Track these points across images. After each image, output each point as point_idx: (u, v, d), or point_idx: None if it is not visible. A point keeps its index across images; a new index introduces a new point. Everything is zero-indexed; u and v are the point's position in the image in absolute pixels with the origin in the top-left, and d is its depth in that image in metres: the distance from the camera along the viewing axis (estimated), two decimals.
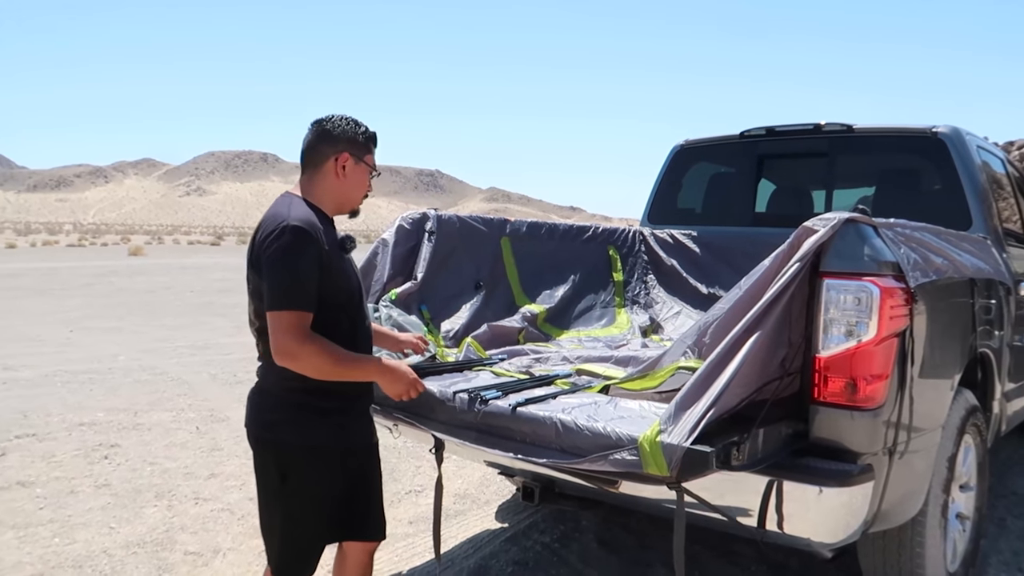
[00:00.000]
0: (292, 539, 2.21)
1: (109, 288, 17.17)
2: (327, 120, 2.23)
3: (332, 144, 2.20)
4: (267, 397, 2.20)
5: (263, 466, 2.21)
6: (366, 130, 2.27)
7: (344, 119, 2.24)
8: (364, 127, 2.26)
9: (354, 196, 2.28)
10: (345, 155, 2.20)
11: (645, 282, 4.47)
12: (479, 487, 4.52)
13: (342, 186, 2.23)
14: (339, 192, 2.24)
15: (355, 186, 2.25)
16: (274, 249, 2.01)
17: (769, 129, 4.31)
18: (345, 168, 2.21)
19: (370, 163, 2.28)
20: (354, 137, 2.23)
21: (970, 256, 2.88)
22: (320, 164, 2.21)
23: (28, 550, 3.55)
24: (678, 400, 1.92)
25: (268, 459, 2.19)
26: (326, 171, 2.21)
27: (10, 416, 5.91)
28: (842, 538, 2.18)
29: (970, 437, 2.98)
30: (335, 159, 2.20)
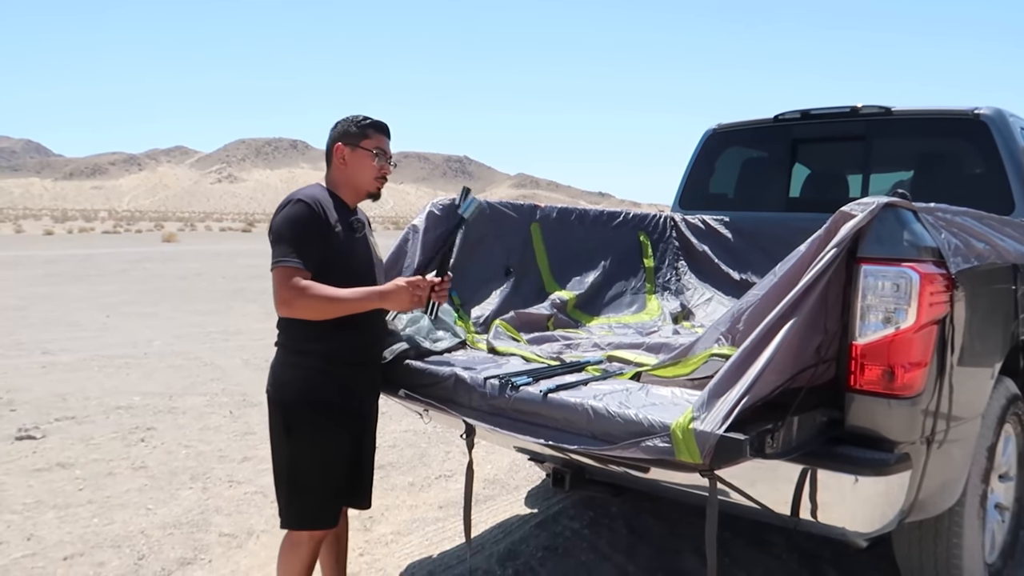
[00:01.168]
0: (297, 493, 2.41)
1: (144, 274, 17.48)
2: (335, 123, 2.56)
3: (331, 140, 2.54)
4: (278, 356, 2.45)
5: (272, 422, 2.45)
6: (361, 120, 2.52)
7: (346, 118, 2.54)
8: (361, 118, 2.52)
9: (363, 179, 2.53)
10: (340, 146, 2.51)
11: (676, 268, 4.43)
12: (508, 473, 4.53)
13: (347, 173, 2.52)
14: (347, 179, 2.53)
15: (359, 170, 2.52)
16: (279, 217, 2.35)
17: (804, 112, 4.23)
18: (344, 158, 2.50)
19: (368, 147, 2.51)
20: (347, 128, 2.51)
21: (1013, 241, 2.80)
22: (329, 159, 2.55)
23: (68, 529, 3.64)
24: (711, 387, 1.90)
25: (276, 414, 2.42)
26: (334, 164, 2.53)
27: (50, 399, 6.06)
28: (878, 528, 2.15)
29: (1010, 426, 2.91)
30: (335, 151, 2.51)
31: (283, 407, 2.41)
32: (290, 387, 2.40)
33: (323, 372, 2.40)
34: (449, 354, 2.82)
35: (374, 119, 2.55)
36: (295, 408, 2.39)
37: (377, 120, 2.55)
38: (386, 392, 2.71)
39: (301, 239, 2.31)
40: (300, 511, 2.44)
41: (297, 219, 2.33)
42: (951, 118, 3.77)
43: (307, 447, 2.40)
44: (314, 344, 2.38)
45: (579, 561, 3.36)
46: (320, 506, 2.45)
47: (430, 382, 2.58)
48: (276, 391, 2.44)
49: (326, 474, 2.43)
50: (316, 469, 2.41)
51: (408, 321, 2.88)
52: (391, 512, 3.92)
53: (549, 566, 3.31)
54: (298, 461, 2.41)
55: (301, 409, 2.39)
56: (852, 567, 3.25)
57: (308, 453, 2.40)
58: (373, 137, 2.52)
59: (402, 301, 2.39)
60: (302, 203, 2.35)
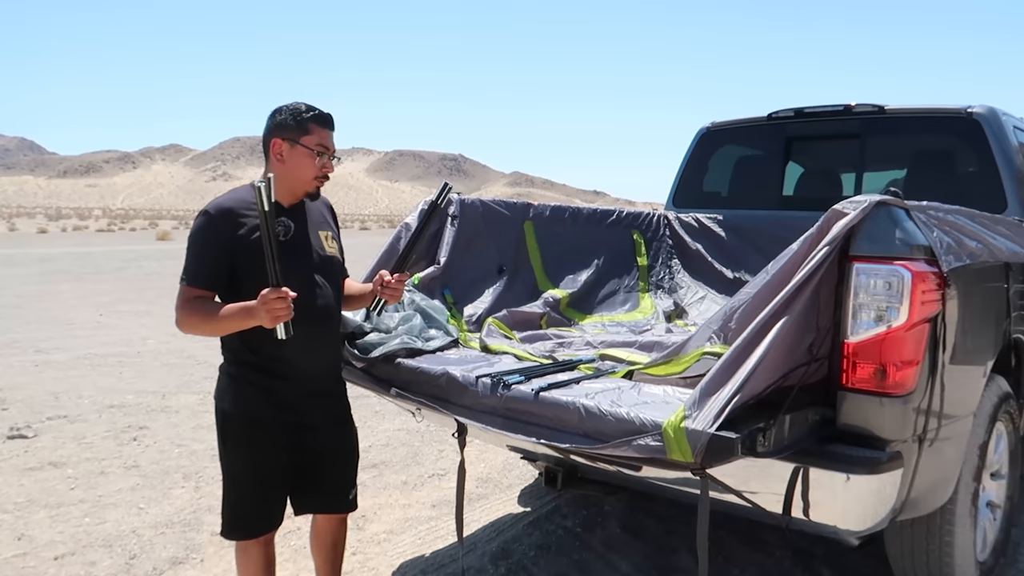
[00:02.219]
0: (232, 500, 2.40)
1: (138, 272, 17.44)
2: (274, 110, 2.33)
3: (269, 134, 2.31)
4: (221, 366, 2.41)
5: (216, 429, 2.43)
6: (303, 111, 2.28)
7: (286, 107, 2.31)
8: (303, 108, 2.29)
9: (301, 178, 2.33)
10: (278, 141, 2.29)
11: (670, 267, 4.43)
12: (501, 471, 4.53)
13: (285, 171, 2.30)
14: (284, 177, 2.30)
15: (298, 169, 2.31)
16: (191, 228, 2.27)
17: (798, 111, 4.23)
18: (282, 153, 2.29)
19: (309, 144, 2.29)
20: (285, 122, 2.28)
21: (1005, 240, 2.80)
22: (266, 153, 2.33)
23: (60, 529, 3.63)
24: (703, 386, 1.89)
25: (216, 424, 2.41)
26: (271, 159, 2.32)
27: (43, 398, 6.03)
28: (869, 526, 2.15)
29: (1002, 425, 2.92)
30: (272, 146, 2.30)
31: (219, 417, 2.39)
32: (225, 398, 2.37)
33: (252, 384, 2.33)
34: (441, 353, 2.81)
35: (317, 110, 2.31)
36: (229, 420, 2.37)
37: (320, 111, 2.31)
38: (378, 391, 2.70)
39: (197, 255, 2.24)
40: (232, 518, 2.40)
41: (195, 234, 2.24)
42: (944, 117, 3.77)
43: (238, 458, 2.37)
44: (246, 355, 2.32)
45: (572, 559, 3.36)
46: (253, 514, 2.40)
47: (422, 380, 2.57)
48: (216, 401, 2.42)
49: (258, 484, 2.37)
50: (247, 479, 2.37)
51: (400, 320, 2.88)
52: (384, 511, 3.91)
53: (542, 564, 3.31)
54: (232, 470, 2.39)
55: (234, 421, 2.36)
56: (845, 565, 3.25)
57: (240, 463, 2.37)
58: (315, 132, 2.29)
59: (261, 318, 2.10)
60: (205, 215, 2.24)
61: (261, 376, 2.32)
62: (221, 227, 2.22)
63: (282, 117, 2.29)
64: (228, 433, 2.37)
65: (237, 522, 2.41)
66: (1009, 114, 3.80)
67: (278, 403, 2.35)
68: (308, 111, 2.29)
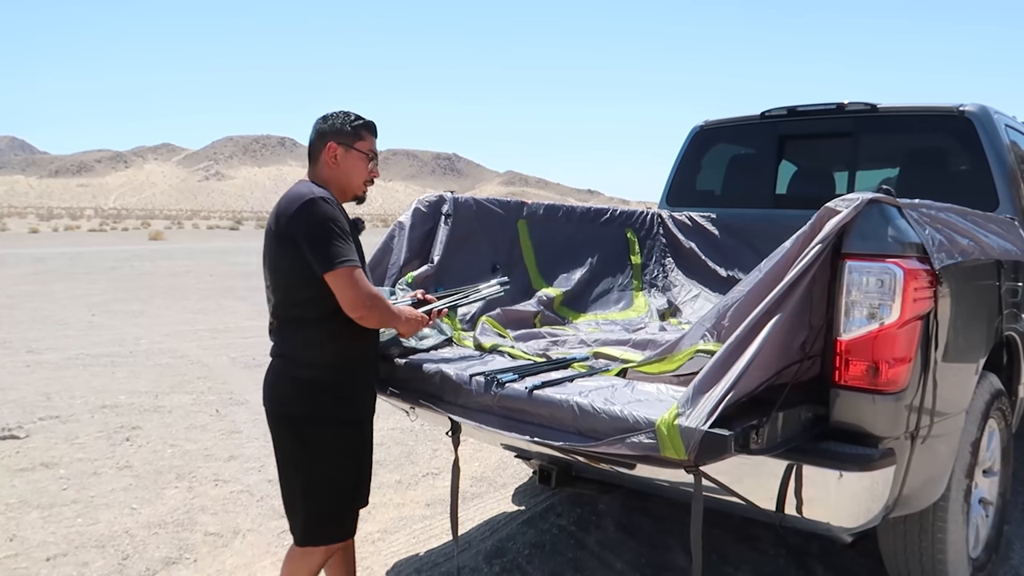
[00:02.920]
0: (316, 509, 2.32)
1: (131, 272, 17.36)
2: (321, 118, 2.45)
3: (322, 138, 2.41)
4: (280, 368, 2.33)
5: (281, 438, 2.34)
6: (356, 119, 2.43)
7: (336, 114, 2.44)
8: (353, 116, 2.43)
9: (352, 182, 2.44)
10: (332, 145, 2.39)
11: (663, 265, 4.44)
12: (496, 470, 4.53)
13: (338, 174, 2.40)
14: (337, 180, 2.40)
15: (350, 172, 2.42)
16: (310, 218, 2.19)
17: (791, 109, 4.24)
18: (336, 157, 2.39)
19: (362, 149, 2.43)
20: (341, 128, 2.41)
21: (997, 237, 2.81)
22: (318, 156, 2.42)
23: (52, 530, 3.61)
24: (696, 383, 1.90)
25: (286, 430, 2.32)
26: (322, 162, 2.40)
27: (34, 398, 6.00)
28: (862, 523, 2.16)
29: (994, 422, 2.93)
30: (326, 150, 2.39)
31: (293, 422, 2.30)
32: (300, 401, 2.30)
33: (332, 383, 2.31)
34: (435, 351, 2.81)
35: (366, 119, 2.47)
36: (308, 422, 2.29)
37: (369, 120, 2.47)
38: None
39: (345, 236, 2.22)
40: (319, 527, 2.35)
41: (335, 217, 2.22)
42: (936, 115, 3.79)
43: (324, 461, 2.31)
44: (318, 353, 2.29)
45: (566, 558, 3.36)
46: (340, 519, 2.39)
47: (416, 379, 2.57)
48: (283, 405, 2.32)
49: (343, 486, 2.36)
50: (334, 482, 2.33)
51: None
52: (378, 510, 3.90)
53: (536, 563, 3.31)
54: (316, 476, 2.31)
55: (315, 423, 2.30)
56: (839, 563, 3.26)
57: (325, 467, 2.31)
58: (367, 139, 2.45)
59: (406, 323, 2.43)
60: (330, 201, 2.25)
61: (334, 373, 2.31)
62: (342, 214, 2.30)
63: (337, 123, 2.41)
64: (307, 436, 2.29)
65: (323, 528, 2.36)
66: (1001, 112, 3.82)
67: (352, 396, 2.38)
68: (358, 119, 2.44)
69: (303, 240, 2.19)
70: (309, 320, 2.28)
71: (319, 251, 2.17)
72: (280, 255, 2.27)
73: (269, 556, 3.37)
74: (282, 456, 2.36)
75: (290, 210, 2.22)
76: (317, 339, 2.28)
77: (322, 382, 2.29)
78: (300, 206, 2.20)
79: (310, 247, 2.18)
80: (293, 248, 2.21)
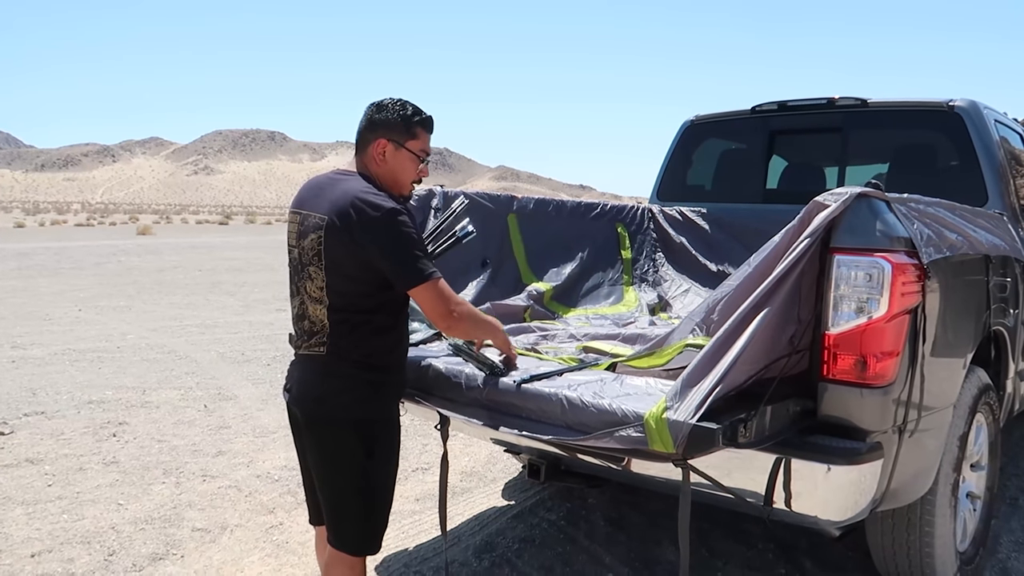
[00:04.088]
0: (375, 515, 2.24)
1: (118, 267, 17.24)
2: (375, 105, 2.24)
3: (372, 130, 2.22)
4: (335, 377, 2.17)
5: (341, 446, 2.18)
6: (410, 114, 2.23)
7: (392, 104, 2.23)
8: (410, 111, 2.23)
9: (400, 181, 2.26)
10: (382, 141, 2.21)
11: (654, 260, 4.43)
12: (486, 465, 4.52)
13: (385, 170, 2.23)
14: (384, 177, 2.23)
15: (398, 171, 2.24)
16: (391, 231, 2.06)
17: (781, 104, 4.24)
18: (384, 154, 2.21)
19: (414, 149, 2.24)
20: (394, 123, 2.21)
21: (985, 232, 2.82)
22: (365, 148, 2.24)
23: (37, 526, 3.58)
24: (685, 377, 1.89)
25: (349, 437, 2.16)
26: (370, 156, 2.23)
27: (19, 394, 5.95)
28: (850, 516, 2.16)
29: (982, 416, 2.95)
30: (374, 145, 2.21)
31: (360, 428, 2.17)
32: (366, 406, 2.18)
33: (394, 385, 2.27)
34: (424, 346, 2.80)
35: (424, 114, 2.26)
36: (376, 428, 2.20)
37: (427, 116, 2.27)
38: None
39: (423, 247, 2.14)
40: (376, 533, 2.27)
41: (411, 227, 2.10)
42: (926, 110, 3.80)
43: (385, 466, 2.24)
44: (384, 357, 2.20)
45: (556, 552, 3.36)
46: (386, 523, 2.31)
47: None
48: (343, 411, 2.17)
49: (393, 489, 2.31)
50: (390, 487, 2.28)
51: None
52: None
53: (526, 557, 3.31)
54: (378, 482, 2.22)
55: (382, 428, 2.22)
56: (827, 556, 3.27)
57: (386, 472, 2.25)
58: (421, 137, 2.25)
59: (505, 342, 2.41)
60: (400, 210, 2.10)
61: (395, 375, 2.27)
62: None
63: (390, 116, 2.21)
64: (375, 442, 2.20)
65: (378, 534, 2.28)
66: (991, 108, 3.83)
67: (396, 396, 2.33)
68: (415, 114, 2.24)
69: (385, 252, 2.06)
70: (380, 323, 2.17)
71: (404, 266, 2.07)
72: (348, 257, 2.10)
73: (257, 552, 3.35)
74: (337, 464, 2.20)
75: (364, 217, 2.05)
76: (389, 342, 2.21)
77: (394, 384, 2.26)
78: (381, 216, 2.05)
79: (394, 261, 2.07)
80: (365, 254, 2.08)
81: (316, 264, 2.13)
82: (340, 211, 2.08)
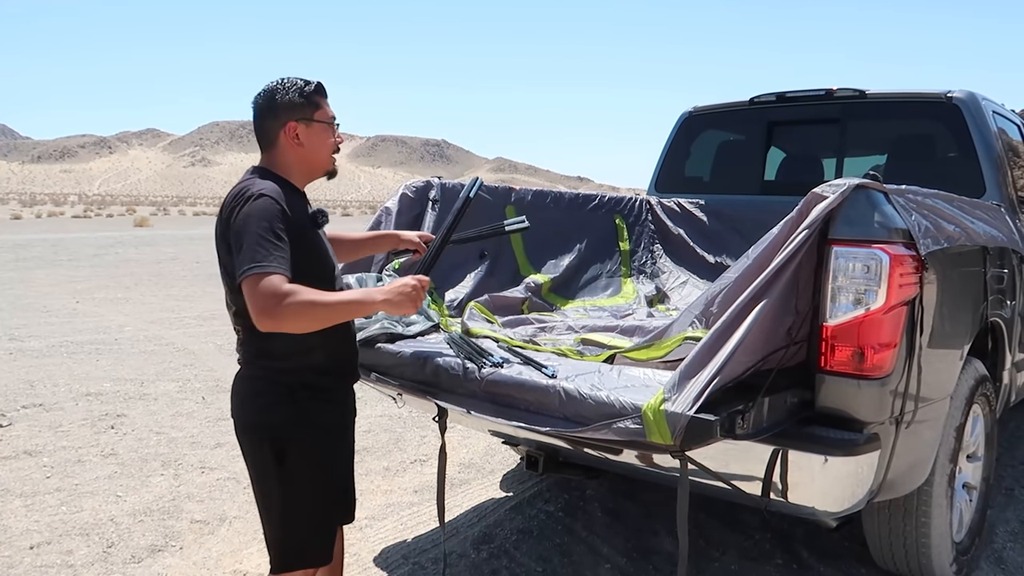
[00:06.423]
0: (293, 529, 2.10)
1: (116, 259, 17.21)
2: (265, 94, 2.10)
3: (276, 118, 2.09)
4: (257, 382, 2.07)
5: (255, 453, 2.08)
6: (303, 87, 2.10)
7: (279, 87, 2.09)
8: (303, 84, 2.10)
9: (320, 157, 2.16)
10: (291, 124, 2.08)
11: (652, 251, 4.43)
12: (484, 457, 4.53)
13: (304, 153, 2.12)
14: (303, 160, 2.13)
15: (317, 147, 2.13)
16: (242, 217, 1.91)
17: (779, 95, 4.23)
18: (298, 136, 2.09)
19: (324, 119, 2.13)
20: (296, 102, 2.08)
21: (983, 224, 2.82)
22: (275, 139, 2.10)
23: (35, 518, 3.58)
24: (682, 369, 1.89)
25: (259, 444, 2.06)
26: (282, 145, 2.10)
27: (17, 386, 5.94)
28: (847, 507, 2.17)
29: (979, 407, 2.95)
30: (284, 132, 2.08)
31: (270, 434, 2.04)
32: (277, 411, 2.04)
33: (316, 389, 2.08)
34: (422, 337, 2.79)
35: (314, 81, 2.13)
36: (286, 434, 2.04)
37: (318, 82, 2.14)
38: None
39: (275, 239, 1.90)
40: (297, 547, 2.11)
41: (266, 216, 1.91)
42: (924, 101, 3.79)
43: (303, 476, 2.07)
44: (300, 359, 2.04)
45: (554, 543, 3.37)
46: (318, 539, 2.15)
47: (402, 365, 2.55)
48: (256, 416, 2.06)
49: (324, 502, 2.14)
50: (314, 499, 2.10)
51: None
52: (365, 497, 3.89)
53: (524, 548, 3.32)
54: (294, 492, 2.07)
55: (293, 435, 2.04)
56: (824, 547, 3.29)
57: (305, 482, 2.07)
58: (323, 105, 2.14)
59: (406, 306, 2.05)
60: (267, 198, 1.93)
61: (318, 378, 2.09)
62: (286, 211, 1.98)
63: (288, 97, 2.08)
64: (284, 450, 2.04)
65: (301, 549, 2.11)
66: (989, 99, 3.82)
67: (337, 402, 2.18)
68: (308, 84, 2.12)
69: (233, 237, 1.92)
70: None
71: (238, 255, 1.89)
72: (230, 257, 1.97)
73: (256, 543, 3.36)
74: (258, 472, 2.10)
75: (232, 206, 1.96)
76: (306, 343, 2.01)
77: (320, 388, 2.10)
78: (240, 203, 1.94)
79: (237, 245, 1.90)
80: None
81: (221, 272, 2.06)
82: (222, 215, 2.01)
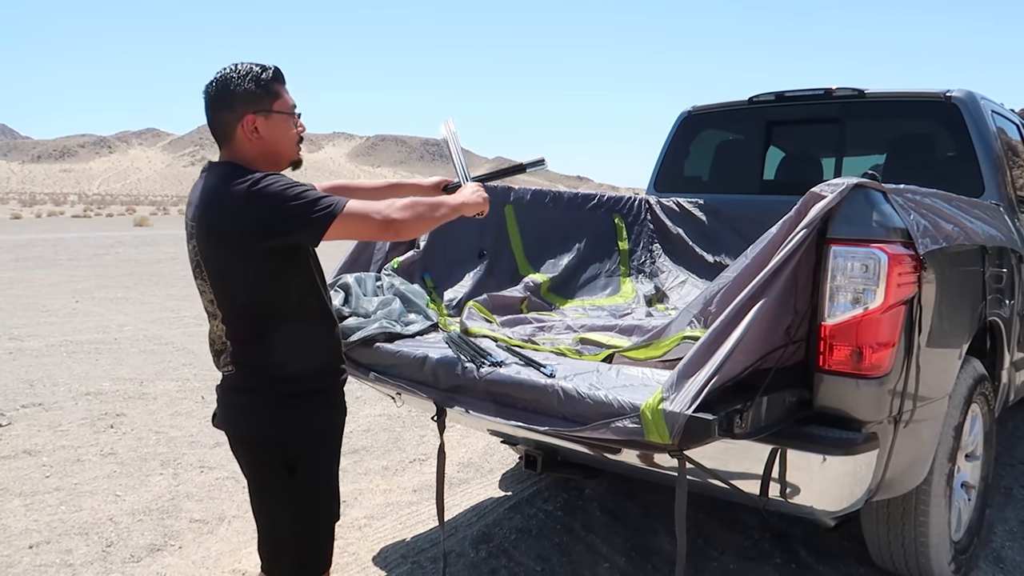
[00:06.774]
0: (308, 536, 2.03)
1: (116, 259, 17.20)
2: (217, 83, 1.93)
3: (231, 110, 1.92)
4: (255, 394, 1.95)
5: (259, 468, 1.99)
6: (262, 75, 1.93)
7: (236, 75, 1.92)
8: (260, 72, 1.93)
9: (283, 149, 2.00)
10: (249, 117, 1.91)
11: (651, 251, 4.43)
12: (483, 456, 4.53)
13: (262, 147, 1.95)
14: (265, 153, 1.96)
15: (279, 139, 1.97)
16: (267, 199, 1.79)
17: (778, 94, 4.23)
18: (257, 129, 1.93)
19: (284, 108, 1.97)
20: (252, 93, 1.92)
21: (982, 223, 2.82)
22: (232, 134, 1.94)
23: (35, 517, 3.58)
24: (681, 368, 1.89)
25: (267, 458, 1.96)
26: (240, 139, 1.94)
27: (16, 386, 5.94)
28: (845, 507, 2.17)
29: (977, 406, 2.95)
30: (241, 126, 1.92)
31: (277, 449, 1.93)
32: (282, 424, 1.92)
33: (321, 393, 2.01)
34: (421, 337, 2.80)
35: (270, 67, 1.96)
36: (294, 448, 1.94)
37: (274, 67, 1.97)
38: (357, 375, 2.68)
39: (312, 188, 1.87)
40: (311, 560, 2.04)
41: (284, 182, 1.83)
42: (923, 100, 3.79)
43: (316, 483, 2.00)
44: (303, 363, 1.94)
45: (553, 542, 3.37)
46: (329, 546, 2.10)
47: (401, 364, 2.56)
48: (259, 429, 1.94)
49: (333, 504, 2.07)
50: (324, 503, 2.04)
51: (379, 304, 2.86)
52: (364, 496, 3.90)
53: (523, 548, 3.32)
54: (308, 502, 1.99)
55: (302, 446, 1.95)
56: (822, 546, 3.29)
57: (317, 490, 2.00)
58: (283, 93, 1.97)
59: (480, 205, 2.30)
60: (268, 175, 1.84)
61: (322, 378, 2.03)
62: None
63: (245, 87, 1.90)
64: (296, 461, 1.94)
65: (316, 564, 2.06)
66: (988, 98, 3.82)
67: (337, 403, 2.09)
68: (265, 71, 1.94)
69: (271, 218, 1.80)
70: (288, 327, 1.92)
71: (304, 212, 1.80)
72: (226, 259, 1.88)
73: (254, 542, 3.34)
74: (262, 485, 2.00)
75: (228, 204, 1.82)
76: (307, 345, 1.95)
77: (323, 392, 2.01)
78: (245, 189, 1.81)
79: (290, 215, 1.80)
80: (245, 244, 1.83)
81: (200, 276, 1.94)
82: (205, 211, 1.88)
